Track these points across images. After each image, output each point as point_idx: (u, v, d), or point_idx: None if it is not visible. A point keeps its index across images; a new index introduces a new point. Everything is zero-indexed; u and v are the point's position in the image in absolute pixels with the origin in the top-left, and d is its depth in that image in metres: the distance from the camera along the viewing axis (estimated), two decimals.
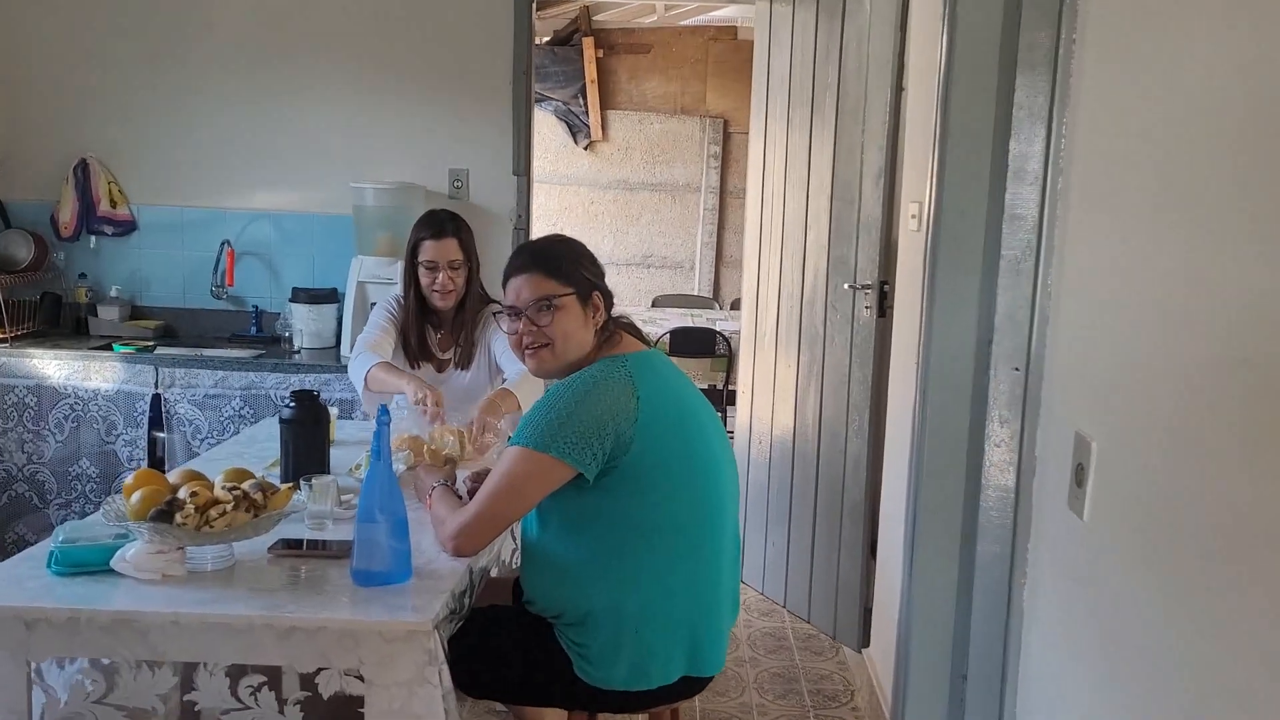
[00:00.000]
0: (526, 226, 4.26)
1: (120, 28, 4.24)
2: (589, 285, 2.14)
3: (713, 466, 2.13)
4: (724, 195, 7.75)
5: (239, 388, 3.82)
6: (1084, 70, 1.78)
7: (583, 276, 2.14)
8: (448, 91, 4.22)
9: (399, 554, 1.97)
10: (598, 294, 2.14)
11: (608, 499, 2.02)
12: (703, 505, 2.11)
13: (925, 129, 2.97)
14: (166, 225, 4.35)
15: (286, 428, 2.43)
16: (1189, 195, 1.32)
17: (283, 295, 4.28)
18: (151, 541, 1.90)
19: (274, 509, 1.95)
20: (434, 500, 2.23)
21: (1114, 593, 1.48)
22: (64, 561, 1.94)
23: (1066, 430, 1.69)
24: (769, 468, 4.12)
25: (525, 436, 2.01)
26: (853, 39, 3.57)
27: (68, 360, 3.85)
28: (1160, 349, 1.38)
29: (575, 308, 2.11)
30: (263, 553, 2.07)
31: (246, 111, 4.26)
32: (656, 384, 2.09)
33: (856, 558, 3.64)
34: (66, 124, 4.29)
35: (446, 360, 3.15)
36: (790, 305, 3.96)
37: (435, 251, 3.02)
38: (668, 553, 2.06)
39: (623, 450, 1.99)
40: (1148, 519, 1.39)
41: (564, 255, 2.16)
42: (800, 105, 3.87)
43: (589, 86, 7.55)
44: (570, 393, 2.03)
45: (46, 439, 3.89)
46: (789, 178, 3.95)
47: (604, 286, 2.18)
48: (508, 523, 2.12)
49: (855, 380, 3.61)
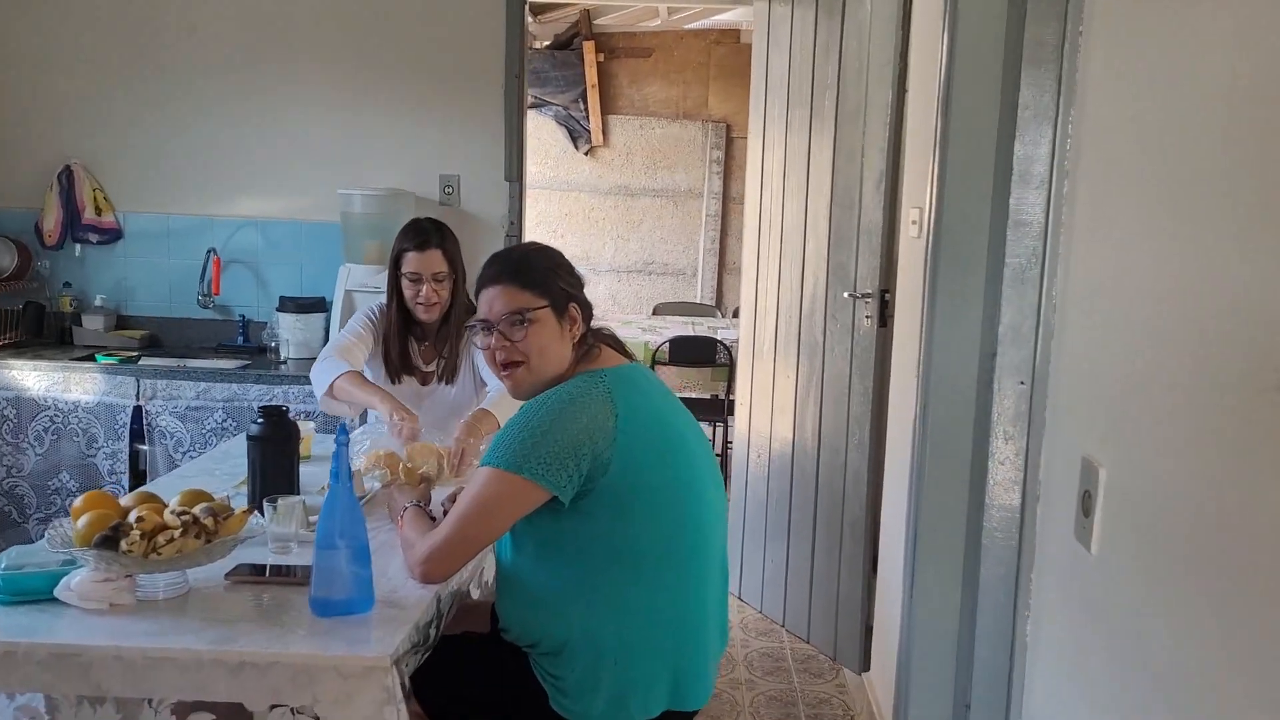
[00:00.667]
0: (519, 234, 4.15)
1: (104, 32, 4.16)
2: (565, 296, 2.02)
3: (697, 488, 2.01)
4: (727, 201, 7.63)
5: (221, 399, 3.72)
6: (1092, 67, 1.65)
7: (558, 288, 2.01)
8: (438, 95, 4.12)
9: (360, 581, 1.85)
10: (574, 305, 2.02)
11: (585, 523, 1.91)
12: (687, 529, 1.99)
13: (927, 131, 2.85)
14: (152, 233, 4.26)
15: (254, 445, 2.32)
16: (1206, 199, 1.20)
17: (270, 304, 4.18)
18: (97, 569, 1.78)
19: (226, 534, 1.83)
20: (404, 522, 2.11)
21: (1125, 631, 1.36)
22: (6, 589, 1.83)
23: (1073, 453, 1.56)
24: (767, 481, 4.00)
25: (497, 457, 1.89)
26: (853, 38, 3.45)
27: (47, 371, 3.75)
28: (1176, 366, 1.25)
29: (550, 321, 1.99)
30: (220, 579, 1.96)
31: (233, 116, 4.17)
32: (637, 401, 1.97)
33: (857, 575, 3.51)
34: (50, 130, 4.20)
35: (430, 373, 3.03)
36: (789, 314, 3.84)
37: (419, 263, 2.90)
38: (649, 579, 1.94)
39: (600, 471, 1.88)
40: (1161, 554, 1.27)
41: (538, 265, 2.03)
42: (799, 107, 3.75)
43: (590, 91, 7.44)
44: (544, 410, 1.91)
45: (26, 452, 3.79)
46: (788, 182, 3.84)
47: (582, 297, 2.06)
48: (479, 547, 2.00)
49: (855, 392, 3.49)
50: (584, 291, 2.09)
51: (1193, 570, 1.18)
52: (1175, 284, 1.27)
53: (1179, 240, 1.27)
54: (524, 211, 4.19)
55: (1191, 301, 1.22)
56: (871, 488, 3.45)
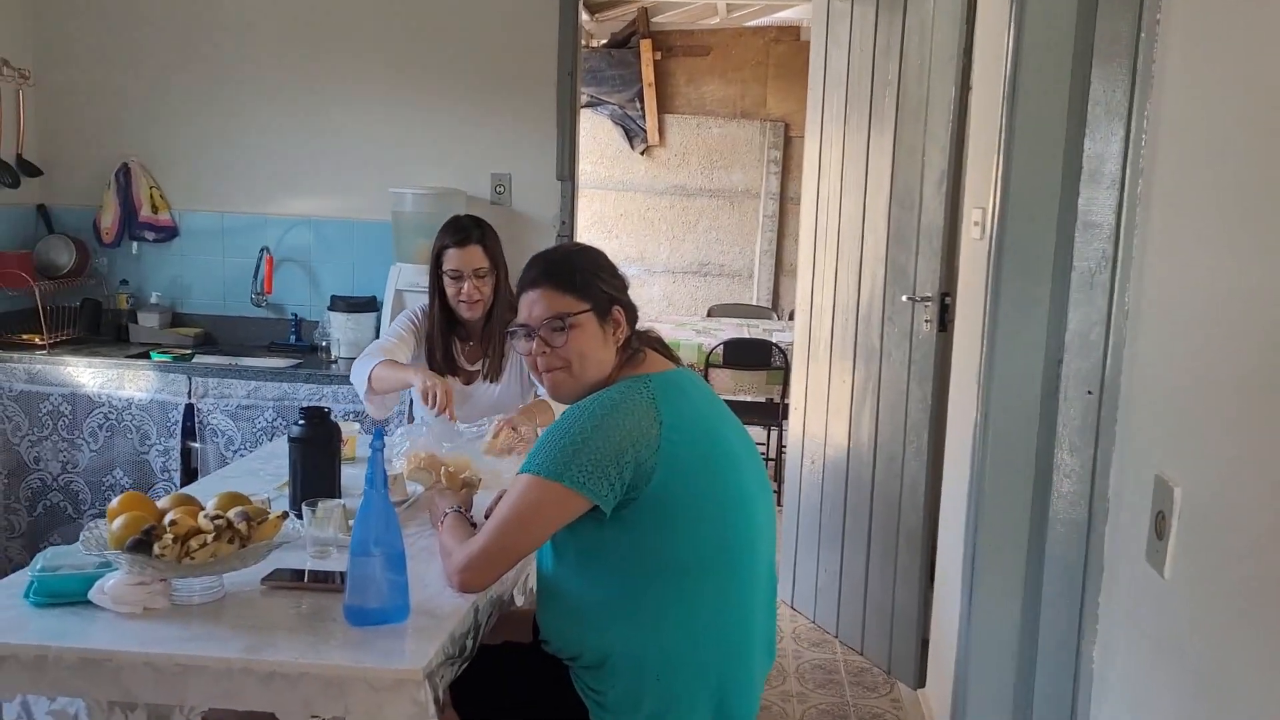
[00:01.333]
0: (571, 233, 4.09)
1: (161, 30, 4.17)
2: (608, 300, 1.94)
3: (744, 498, 1.94)
4: (784, 201, 7.52)
5: (272, 398, 3.71)
6: (1169, 60, 1.55)
7: (600, 291, 1.94)
8: (491, 93, 4.08)
9: (395, 589, 1.80)
10: (618, 309, 1.95)
11: (628, 533, 1.84)
12: (733, 541, 1.91)
13: (991, 128, 2.74)
14: (207, 231, 4.27)
15: (295, 446, 2.29)
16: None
17: (322, 303, 4.17)
18: (130, 572, 1.75)
19: (261, 539, 1.79)
20: (444, 528, 2.06)
21: (1203, 666, 1.26)
22: (41, 591, 1.81)
23: (1145, 469, 1.46)
24: (821, 486, 3.90)
25: (536, 464, 1.83)
26: (914, 33, 3.35)
27: (102, 369, 3.77)
28: (1258, 379, 1.15)
29: (593, 325, 1.92)
30: (257, 584, 1.92)
31: (286, 115, 4.17)
32: (683, 407, 1.90)
33: (914, 587, 3.40)
34: (108, 128, 4.23)
35: (475, 372, 2.99)
36: (845, 317, 3.74)
37: (459, 260, 2.87)
38: (694, 593, 1.87)
39: (644, 480, 1.81)
40: (1244, 582, 1.17)
41: (580, 267, 1.96)
42: (858, 104, 3.66)
43: (646, 90, 7.38)
44: (586, 416, 1.85)
45: (81, 448, 3.81)
46: (845, 181, 3.74)
47: (626, 300, 1.99)
48: (518, 557, 1.95)
49: (914, 399, 3.38)
50: (629, 293, 2.02)
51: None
52: (1257, 290, 1.17)
53: (1262, 244, 1.17)
54: (576, 211, 4.14)
55: (1274, 306, 1.12)
56: (929, 498, 3.34)
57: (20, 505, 3.85)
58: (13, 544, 3.87)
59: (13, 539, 3.87)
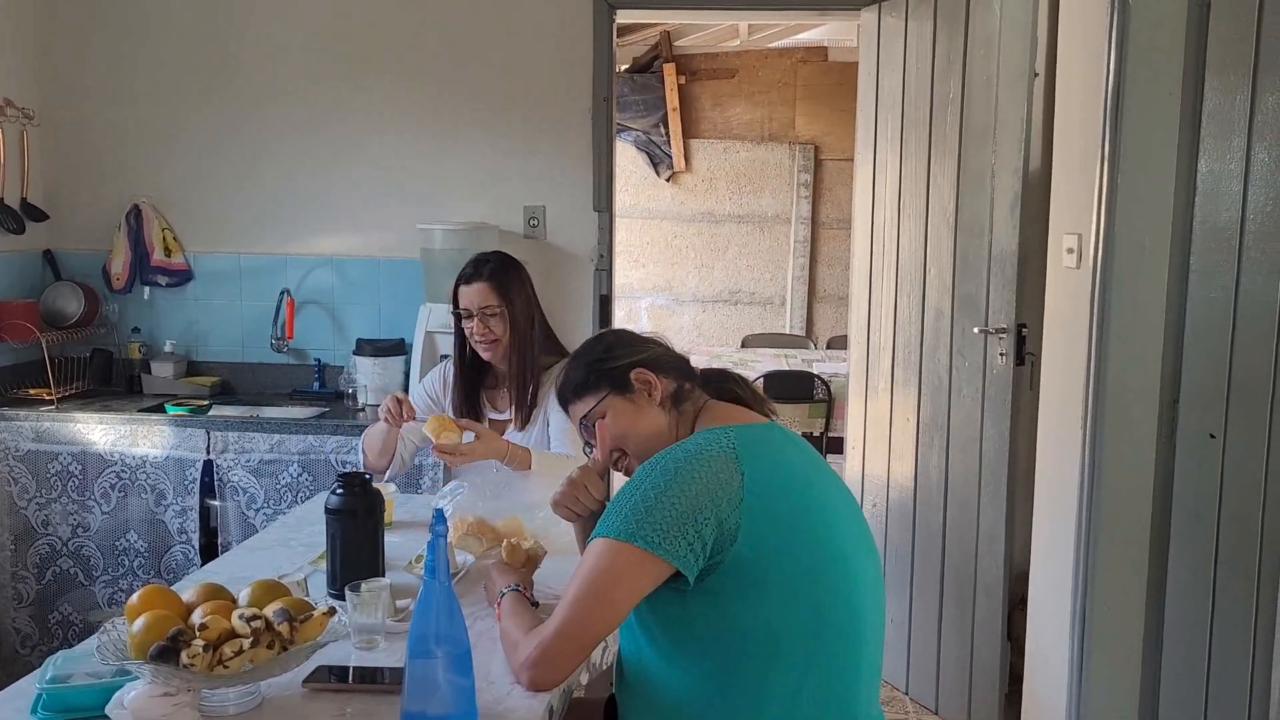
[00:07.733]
0: (609, 266, 3.86)
1: (173, 66, 3.98)
2: (621, 372, 1.83)
3: (846, 561, 1.70)
4: (816, 226, 7.29)
5: (296, 452, 3.47)
6: None
7: (608, 370, 1.85)
8: (521, 123, 3.87)
9: (461, 692, 1.55)
10: (638, 370, 1.83)
11: (715, 604, 1.61)
12: (834, 608, 1.67)
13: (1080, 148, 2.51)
14: (223, 274, 4.06)
15: (333, 519, 2.05)
16: None
17: (347, 347, 3.95)
18: (154, 683, 1.51)
19: (304, 640, 1.55)
20: (503, 612, 1.82)
21: None
22: (51, 706, 1.57)
23: None
24: (885, 531, 3.65)
25: (606, 525, 1.63)
26: (979, 50, 3.12)
27: (114, 424, 3.54)
28: None
29: (618, 404, 1.83)
30: (298, 686, 1.68)
31: (306, 150, 3.96)
32: (769, 457, 1.68)
33: (994, 644, 3.15)
34: (117, 167, 4.03)
35: (504, 421, 2.76)
36: (908, 350, 3.50)
37: (466, 297, 2.71)
38: (793, 670, 1.63)
39: (728, 541, 1.59)
40: None
41: (581, 365, 1.90)
42: (916, 127, 3.43)
43: (671, 115, 7.17)
44: (658, 470, 1.64)
45: (92, 509, 3.58)
46: (904, 207, 3.50)
47: (644, 359, 1.86)
48: (596, 639, 1.69)
49: (988, 438, 3.13)
50: (651, 347, 1.91)
51: None
52: None
53: None
54: (614, 243, 3.91)
55: None
56: (1007, 546, 3.09)
57: (28, 572, 3.62)
58: (20, 613, 3.63)
59: (21, 608, 3.63)
